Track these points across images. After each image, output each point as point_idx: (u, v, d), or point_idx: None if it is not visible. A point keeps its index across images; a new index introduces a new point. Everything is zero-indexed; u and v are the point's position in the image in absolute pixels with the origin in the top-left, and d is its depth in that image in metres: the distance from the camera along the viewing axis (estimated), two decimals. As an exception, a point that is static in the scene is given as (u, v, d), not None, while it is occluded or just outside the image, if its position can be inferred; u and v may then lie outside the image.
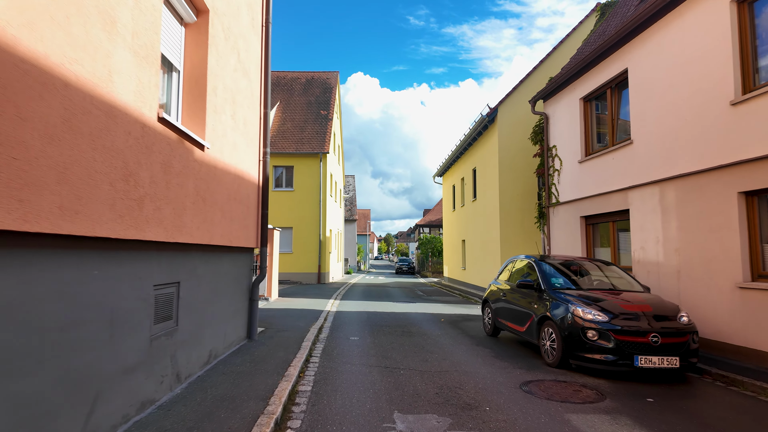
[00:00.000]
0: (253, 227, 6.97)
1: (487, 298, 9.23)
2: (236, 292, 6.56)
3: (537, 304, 6.97)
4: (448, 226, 28.33)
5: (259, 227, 7.25)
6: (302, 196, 24.91)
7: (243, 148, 6.47)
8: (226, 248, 5.94)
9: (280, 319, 9.90)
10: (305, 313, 11.28)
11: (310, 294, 17.14)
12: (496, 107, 16.80)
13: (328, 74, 32.27)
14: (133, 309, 3.59)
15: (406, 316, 11.63)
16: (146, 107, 3.61)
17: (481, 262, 19.14)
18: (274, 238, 14.42)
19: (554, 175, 12.24)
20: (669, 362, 5.67)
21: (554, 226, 12.21)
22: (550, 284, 7.05)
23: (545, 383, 5.56)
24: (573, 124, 11.43)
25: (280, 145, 25.28)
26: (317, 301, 14.26)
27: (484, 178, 18.57)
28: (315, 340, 7.67)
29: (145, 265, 3.77)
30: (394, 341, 7.96)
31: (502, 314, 8.27)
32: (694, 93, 7.56)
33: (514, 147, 16.56)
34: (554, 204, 12.12)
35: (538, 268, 7.47)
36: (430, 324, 10.26)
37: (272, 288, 14.22)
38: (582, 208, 10.92)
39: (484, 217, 18.52)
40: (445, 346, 7.63)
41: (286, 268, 24.46)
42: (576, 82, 11.37)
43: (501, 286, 8.77)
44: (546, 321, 6.64)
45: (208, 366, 5.41)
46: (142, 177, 3.56)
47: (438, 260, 40.00)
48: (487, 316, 9.11)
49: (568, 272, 7.63)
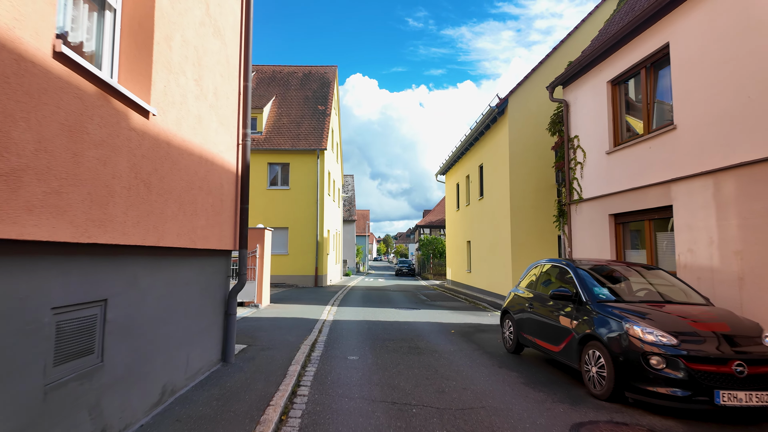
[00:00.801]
0: (228, 225, 5.66)
1: (507, 309, 7.92)
2: (205, 306, 5.26)
3: (577, 319, 5.68)
4: (451, 226, 27.04)
5: (238, 225, 5.95)
6: (299, 195, 23.61)
7: (213, 126, 5.18)
8: (187, 251, 4.63)
9: (268, 332, 8.58)
10: (298, 323, 9.97)
11: (306, 299, 15.83)
12: (506, 97, 15.52)
13: (326, 68, 30.98)
14: (4, 348, 2.29)
15: (411, 326, 10.33)
16: (27, 31, 2.32)
17: (489, 264, 17.85)
18: (266, 239, 13.11)
19: (576, 168, 10.95)
20: (759, 399, 4.37)
21: (576, 226, 10.92)
22: (593, 295, 5.75)
23: (600, 427, 4.27)
24: (599, 111, 10.15)
25: (276, 142, 23.98)
26: (312, 308, 12.95)
27: (493, 174, 17.28)
28: (306, 362, 6.36)
29: (29, 278, 2.47)
30: (401, 362, 6.66)
31: (528, 328, 6.98)
32: (760, 65, 6.28)
33: (526, 140, 15.28)
34: (576, 201, 10.83)
35: (576, 275, 6.17)
36: (440, 337, 8.96)
37: (263, 293, 12.91)
38: (610, 205, 9.63)
39: (493, 217, 17.23)
40: (463, 369, 6.33)
41: (282, 270, 23.14)
42: (602, 64, 10.09)
43: (524, 295, 7.48)
44: (591, 341, 5.35)
45: (160, 407, 4.11)
46: (19, 140, 2.26)
47: (439, 262, 38.71)
48: (507, 329, 7.81)
49: (607, 280, 6.34)
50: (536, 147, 15.28)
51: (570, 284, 6.19)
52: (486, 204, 18.39)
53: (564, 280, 6.46)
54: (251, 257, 12.79)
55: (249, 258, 12.82)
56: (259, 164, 23.69)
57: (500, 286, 16.25)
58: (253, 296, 12.65)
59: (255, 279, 12.73)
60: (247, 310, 11.80)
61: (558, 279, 6.69)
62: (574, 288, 6.02)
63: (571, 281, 6.18)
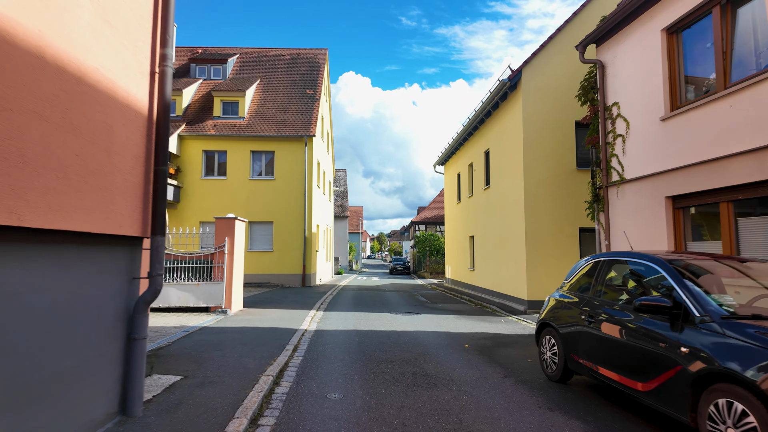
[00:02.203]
0: (127, 195, 3.51)
1: (547, 321, 5.81)
2: (83, 328, 3.12)
3: (687, 345, 3.59)
4: (451, 220, 24.95)
5: (150, 198, 3.79)
6: (284, 186, 21.40)
7: (94, 25, 3.03)
8: (36, 236, 2.49)
9: (224, 351, 6.43)
10: (270, 335, 7.83)
11: (288, 302, 13.67)
12: (519, 69, 13.43)
13: (316, 51, 28.75)
14: None
15: (413, 338, 8.23)
16: None
17: (496, 262, 15.78)
18: (236, 232, 10.93)
19: (616, 142, 8.89)
20: None
21: (616, 212, 8.86)
22: (712, 308, 3.66)
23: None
24: (648, 69, 8.09)
25: (259, 128, 21.75)
26: (294, 314, 10.81)
27: (502, 159, 15.21)
28: (261, 410, 4.21)
29: None
30: (405, 403, 4.54)
31: (586, 351, 4.90)
32: None
33: (543, 118, 13.22)
34: (617, 182, 8.77)
35: (674, 276, 4.07)
36: (452, 355, 6.87)
37: (233, 297, 10.73)
38: (668, 185, 7.59)
39: (502, 208, 15.16)
40: (499, 415, 4.24)
41: (266, 269, 20.96)
42: (653, 10, 8.02)
43: (574, 302, 5.39)
44: (720, 383, 3.27)
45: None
46: None
47: (437, 259, 36.67)
48: (548, 348, 5.72)
49: (708, 281, 4.26)
50: (554, 126, 13.22)
51: (663, 290, 4.10)
52: (493, 194, 16.32)
53: (650, 283, 4.38)
54: (219, 253, 10.62)
55: (217, 254, 10.64)
56: (240, 152, 21.46)
57: (510, 286, 14.19)
58: (220, 300, 10.48)
59: (223, 279, 10.55)
60: (211, 318, 9.62)
61: (637, 282, 4.61)
62: (674, 295, 3.93)
63: (666, 286, 4.08)
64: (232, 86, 23.16)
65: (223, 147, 21.46)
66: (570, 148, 13.22)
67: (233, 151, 21.48)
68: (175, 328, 8.39)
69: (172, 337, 7.49)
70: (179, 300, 10.36)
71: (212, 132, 21.23)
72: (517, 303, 13.43)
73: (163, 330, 8.13)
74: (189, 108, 22.84)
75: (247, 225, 21.02)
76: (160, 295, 10.28)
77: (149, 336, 7.46)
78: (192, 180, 21.14)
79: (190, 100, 23.33)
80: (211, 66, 25.86)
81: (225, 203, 20.49)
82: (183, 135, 20.98)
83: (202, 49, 28.47)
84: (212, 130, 21.38)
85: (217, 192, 21.10)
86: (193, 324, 8.84)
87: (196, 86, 24.21)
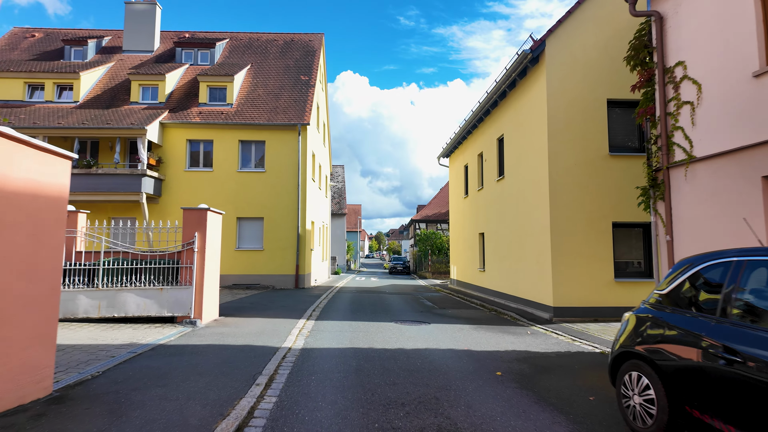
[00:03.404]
0: None
1: (633, 350, 3.96)
2: None
3: None
4: (457, 216, 23.10)
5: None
6: (276, 179, 19.54)
7: None
8: None
9: (167, 388, 4.59)
10: (240, 358, 5.99)
11: (275, 308, 11.82)
12: (543, 38, 11.60)
13: (311, 36, 26.88)
14: None
15: (426, 360, 6.40)
16: None
17: (512, 262, 13.95)
18: (209, 225, 9.07)
19: (680, 112, 7.07)
20: None
21: (684, 201, 7.04)
22: None
23: None
24: (731, 12, 6.28)
25: (249, 116, 19.89)
26: (278, 324, 8.97)
27: (520, 145, 13.38)
28: None
29: None
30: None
31: (718, 405, 3.07)
32: None
33: (571, 96, 11.39)
34: (684, 162, 6.95)
35: None
36: (484, 389, 5.03)
37: (204, 304, 8.87)
38: (761, 162, 5.77)
39: (520, 200, 13.33)
40: None
41: (255, 269, 19.12)
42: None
43: (680, 320, 3.56)
44: None
45: None
46: None
47: (439, 259, 34.81)
48: (639, 391, 3.87)
49: None
50: (583, 106, 11.40)
51: None
52: (508, 185, 14.49)
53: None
54: (187, 251, 8.76)
55: (185, 252, 8.78)
56: (228, 142, 19.59)
57: (531, 290, 12.36)
58: (188, 308, 8.62)
59: (192, 283, 8.70)
60: (173, 332, 7.76)
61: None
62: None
63: None
64: (220, 71, 21.27)
65: (209, 136, 19.58)
66: (602, 130, 11.40)
67: (220, 140, 19.61)
68: (122, 346, 6.55)
69: (109, 362, 5.64)
70: (138, 308, 8.49)
71: (197, 119, 19.35)
72: (541, 310, 11.60)
73: (103, 350, 6.29)
74: (173, 94, 20.95)
75: (236, 221, 19.18)
76: (115, 302, 8.42)
77: (78, 361, 5.60)
78: (175, 172, 19.26)
79: (174, 86, 21.43)
80: (198, 50, 23.97)
81: (211, 197, 18.61)
82: (165, 123, 19.09)
83: (189, 33, 26.59)
84: (197, 117, 19.51)
85: (202, 185, 19.23)
86: (148, 341, 6.99)
87: (181, 71, 22.32)
